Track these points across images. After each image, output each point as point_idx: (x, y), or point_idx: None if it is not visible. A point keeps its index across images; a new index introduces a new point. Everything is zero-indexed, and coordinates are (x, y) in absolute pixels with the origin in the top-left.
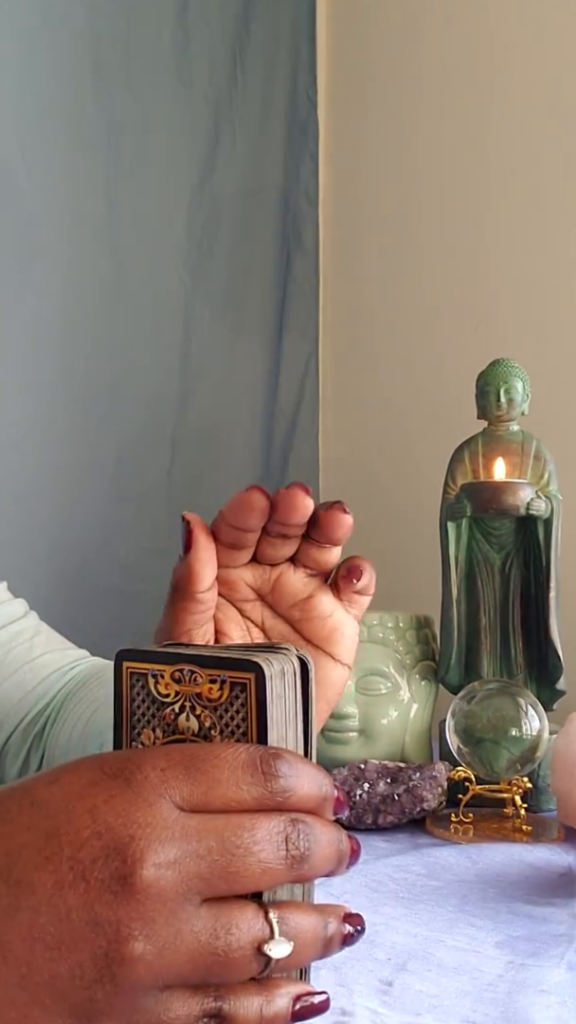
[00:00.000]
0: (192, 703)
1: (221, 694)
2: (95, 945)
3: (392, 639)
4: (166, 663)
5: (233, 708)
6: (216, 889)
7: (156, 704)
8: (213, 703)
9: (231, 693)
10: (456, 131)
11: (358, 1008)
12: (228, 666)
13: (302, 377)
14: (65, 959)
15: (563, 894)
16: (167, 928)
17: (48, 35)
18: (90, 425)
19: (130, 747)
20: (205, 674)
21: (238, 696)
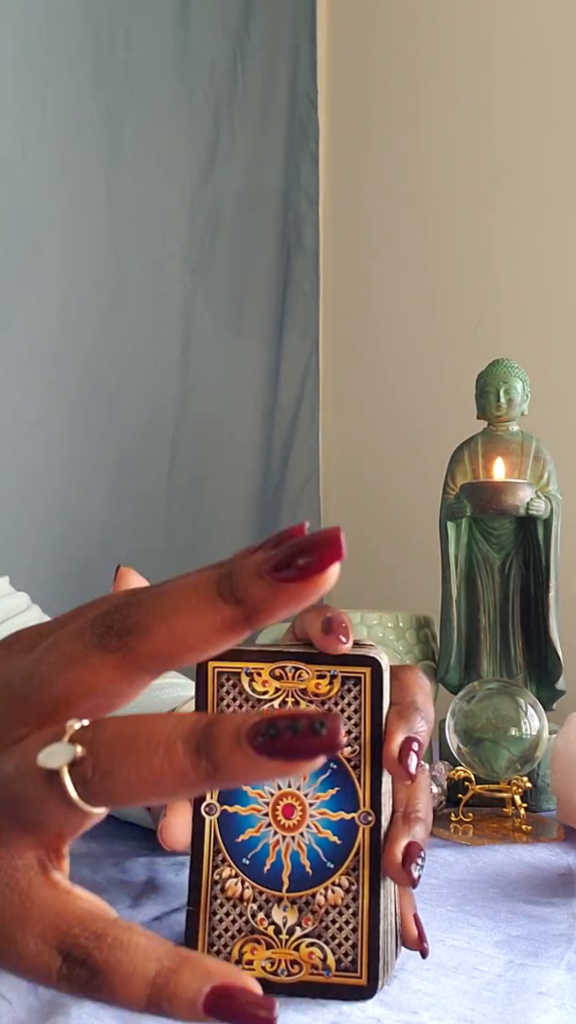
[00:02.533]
0: (296, 698)
1: (331, 689)
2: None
3: (392, 639)
4: (264, 661)
5: (344, 701)
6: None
7: (251, 702)
8: (320, 697)
9: (342, 687)
10: (457, 131)
11: (355, 1007)
12: (339, 662)
13: (302, 377)
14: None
15: (563, 894)
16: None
17: (48, 35)
18: (90, 425)
19: None
20: (312, 670)
21: (350, 690)
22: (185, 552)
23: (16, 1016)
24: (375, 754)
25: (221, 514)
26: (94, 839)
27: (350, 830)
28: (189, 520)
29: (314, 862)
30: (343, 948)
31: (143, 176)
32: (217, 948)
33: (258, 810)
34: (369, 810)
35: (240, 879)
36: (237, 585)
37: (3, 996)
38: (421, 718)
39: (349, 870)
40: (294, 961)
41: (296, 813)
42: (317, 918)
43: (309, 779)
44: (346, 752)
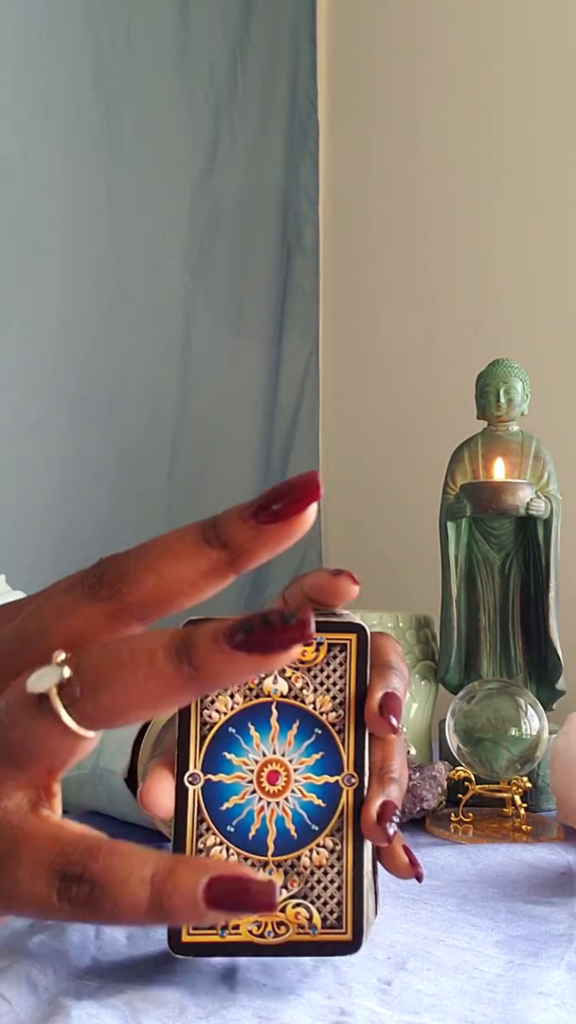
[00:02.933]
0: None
1: (316, 656)
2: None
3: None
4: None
5: (330, 667)
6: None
7: None
8: (306, 664)
9: (328, 654)
10: (457, 131)
11: (357, 1007)
12: (325, 629)
13: (302, 377)
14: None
15: (563, 894)
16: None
17: (48, 35)
18: (90, 425)
19: (201, 716)
20: None
21: (336, 656)
22: None
23: (16, 1016)
24: (359, 718)
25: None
26: None
27: (334, 793)
28: (189, 520)
29: (299, 825)
30: (328, 906)
31: (143, 176)
32: None
33: (242, 778)
34: (353, 772)
35: (225, 846)
36: (221, 530)
37: (3, 996)
38: (397, 676)
39: (333, 831)
40: (280, 922)
41: (281, 779)
42: (303, 879)
43: (294, 744)
44: (331, 717)
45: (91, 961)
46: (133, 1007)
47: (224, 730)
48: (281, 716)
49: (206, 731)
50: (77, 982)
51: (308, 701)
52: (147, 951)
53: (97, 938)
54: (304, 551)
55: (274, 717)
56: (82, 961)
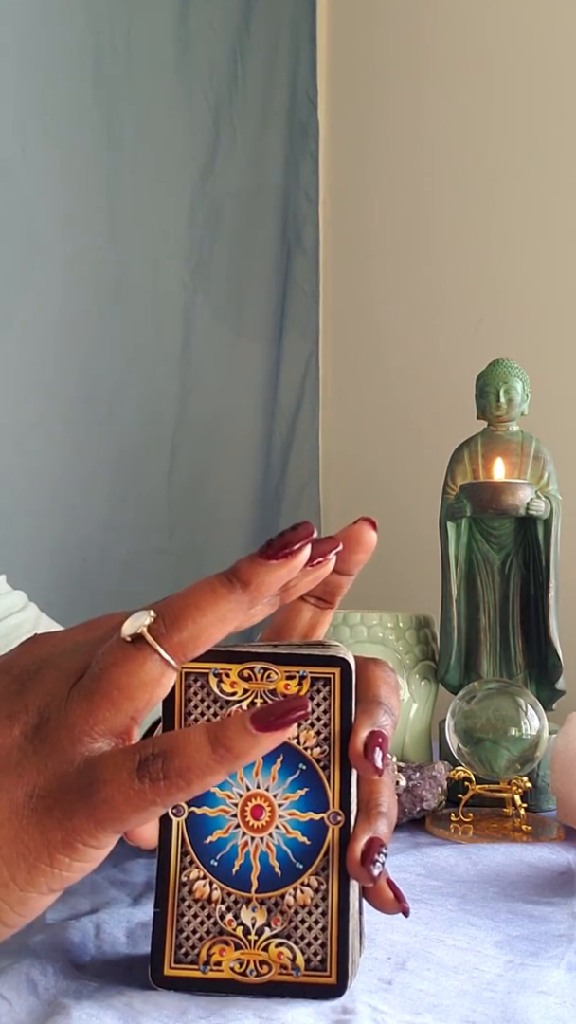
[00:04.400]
0: (265, 699)
1: (300, 689)
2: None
3: (392, 639)
4: (232, 662)
5: (314, 702)
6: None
7: (219, 703)
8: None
9: (311, 688)
10: (457, 131)
11: (358, 1006)
12: (308, 662)
13: (302, 377)
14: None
15: (563, 894)
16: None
17: (48, 35)
18: (90, 425)
19: None
20: (282, 671)
21: (319, 690)
22: (185, 552)
23: (16, 1016)
24: (344, 754)
25: (221, 514)
26: None
27: (319, 830)
28: (189, 520)
29: (283, 863)
30: (312, 948)
31: (143, 176)
32: (184, 950)
33: (226, 811)
34: (338, 810)
35: (208, 880)
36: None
37: (3, 996)
38: (385, 712)
39: (318, 870)
40: (263, 961)
41: (265, 814)
42: (286, 918)
43: (278, 780)
44: (315, 753)
45: (91, 961)
46: (133, 1007)
47: None
48: None
49: None
50: (77, 982)
51: (292, 736)
52: (147, 951)
53: (97, 938)
54: None
55: None
56: (82, 961)
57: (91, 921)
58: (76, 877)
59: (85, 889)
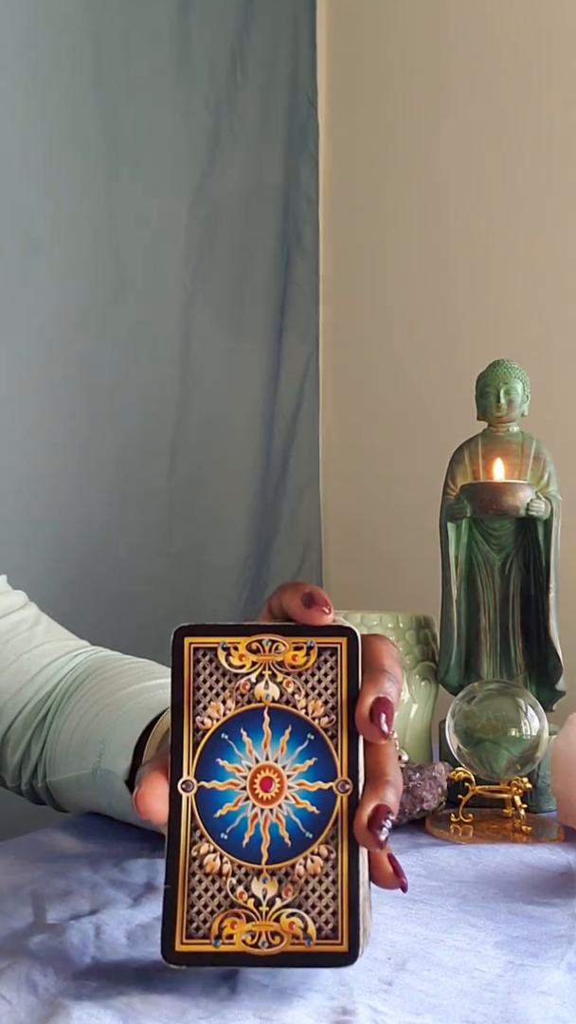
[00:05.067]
0: (273, 671)
1: (307, 660)
2: None
3: (392, 639)
4: (241, 635)
5: (321, 672)
6: None
7: (227, 676)
8: (297, 669)
9: (319, 658)
10: (457, 131)
11: (358, 1007)
12: (316, 632)
13: (302, 378)
14: None
15: (563, 894)
16: None
17: (48, 35)
18: (90, 426)
19: (193, 722)
20: (289, 642)
21: (326, 660)
22: (185, 552)
23: (16, 1017)
24: (351, 722)
25: (221, 514)
26: (94, 840)
27: (328, 799)
28: (189, 520)
29: (293, 833)
30: (323, 916)
31: (143, 176)
32: (196, 924)
33: (235, 784)
34: (347, 778)
35: (218, 854)
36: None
37: (3, 997)
38: (390, 680)
39: (328, 839)
40: (275, 932)
41: (274, 786)
42: (297, 888)
43: (287, 751)
44: (323, 722)
45: (91, 961)
46: (133, 1008)
47: (217, 736)
48: (273, 722)
49: (199, 737)
50: (77, 982)
51: (300, 706)
52: (147, 952)
53: (97, 938)
54: (304, 552)
55: (266, 723)
56: (82, 961)
57: (91, 922)
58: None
59: (85, 890)
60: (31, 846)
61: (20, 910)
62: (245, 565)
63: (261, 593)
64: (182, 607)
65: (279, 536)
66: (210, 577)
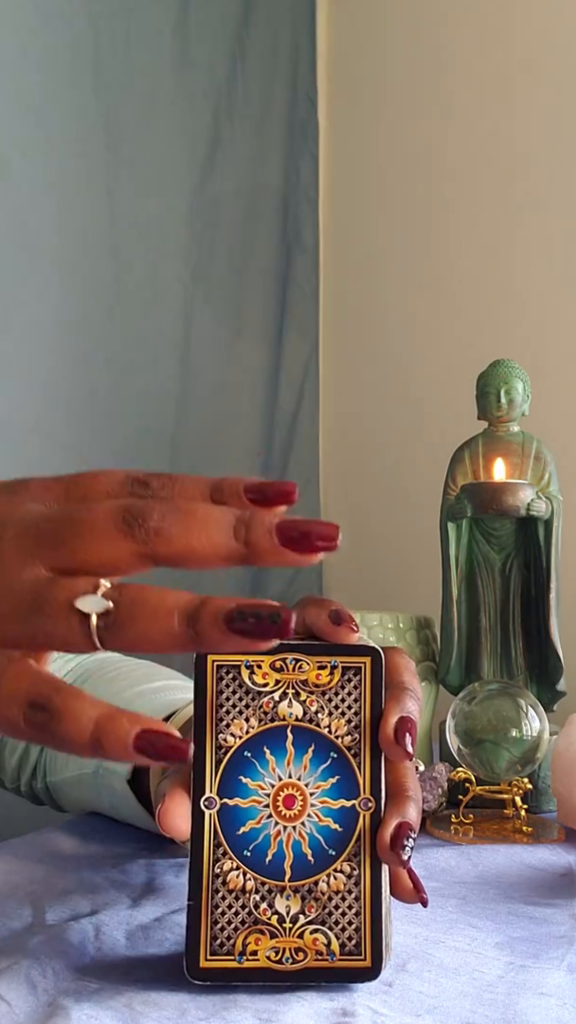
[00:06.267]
0: (296, 690)
1: (331, 679)
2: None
3: (392, 640)
4: (264, 653)
5: (344, 691)
6: (53, 556)
7: (251, 694)
8: (321, 688)
9: (343, 677)
10: (457, 130)
11: (358, 1008)
12: (340, 652)
13: (302, 377)
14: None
15: (563, 895)
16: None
17: (48, 35)
18: (90, 425)
19: (216, 740)
20: (313, 661)
21: (350, 680)
22: None
23: (16, 1018)
24: (374, 741)
25: None
26: (94, 840)
27: (351, 817)
28: None
29: (316, 850)
30: (347, 932)
31: (143, 176)
32: (220, 941)
33: (258, 802)
34: (369, 796)
35: (242, 871)
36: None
37: (2, 998)
38: (411, 698)
39: (351, 856)
40: (299, 948)
41: (297, 803)
42: (320, 905)
43: (310, 768)
44: (346, 741)
45: (91, 962)
46: (133, 1008)
47: (240, 754)
48: (296, 740)
49: (221, 755)
50: (77, 983)
51: (323, 725)
52: (147, 952)
53: (97, 939)
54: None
55: (289, 741)
56: (82, 962)
57: (91, 922)
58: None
59: (85, 890)
60: (31, 846)
61: (20, 910)
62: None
63: (261, 594)
64: None
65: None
66: (210, 577)
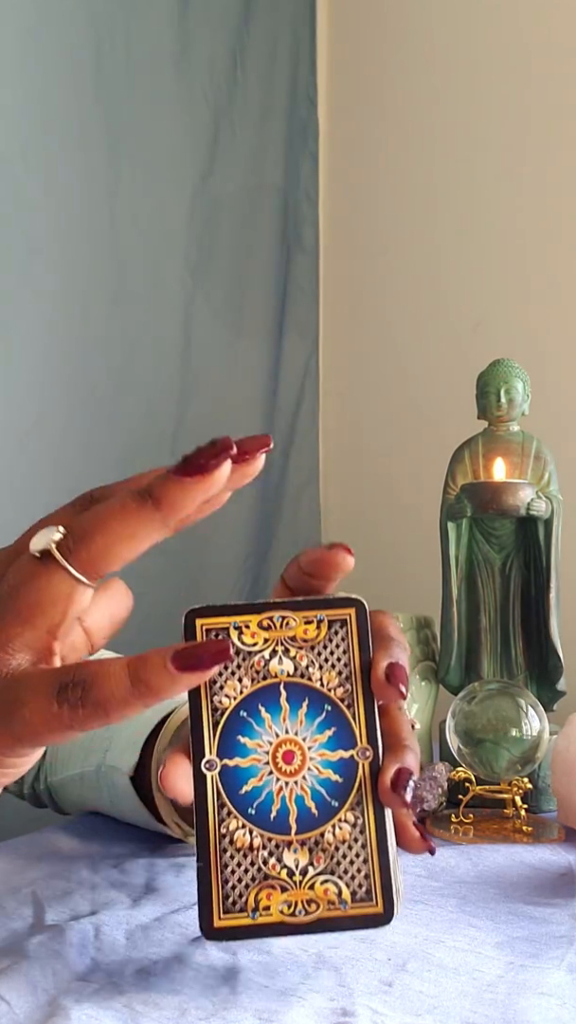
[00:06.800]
0: (286, 646)
1: (319, 633)
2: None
3: None
4: (251, 613)
5: (333, 644)
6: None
7: (241, 655)
8: (309, 642)
9: (329, 630)
10: (456, 130)
11: (358, 1008)
12: (324, 606)
13: (302, 377)
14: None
15: (563, 895)
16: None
17: (48, 35)
18: (90, 425)
19: (211, 702)
20: (300, 616)
21: (337, 632)
22: (184, 552)
23: (15, 1018)
24: (366, 690)
25: (220, 514)
26: (94, 840)
27: (350, 767)
28: None
29: (319, 802)
30: (356, 880)
31: (143, 176)
32: (232, 899)
33: (258, 760)
34: (367, 745)
35: (248, 829)
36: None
37: (2, 998)
38: (399, 647)
39: (353, 805)
40: (310, 900)
41: (296, 758)
42: (328, 855)
43: (305, 723)
44: (338, 693)
45: (91, 962)
46: (132, 1009)
47: (236, 714)
48: (290, 696)
49: (218, 717)
50: (77, 983)
51: (315, 679)
52: (147, 952)
53: (97, 939)
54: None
55: (283, 697)
56: (82, 962)
57: (91, 923)
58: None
59: (85, 890)
60: (31, 846)
61: (20, 910)
62: (245, 565)
63: (261, 593)
64: (181, 606)
65: (279, 536)
66: (209, 577)
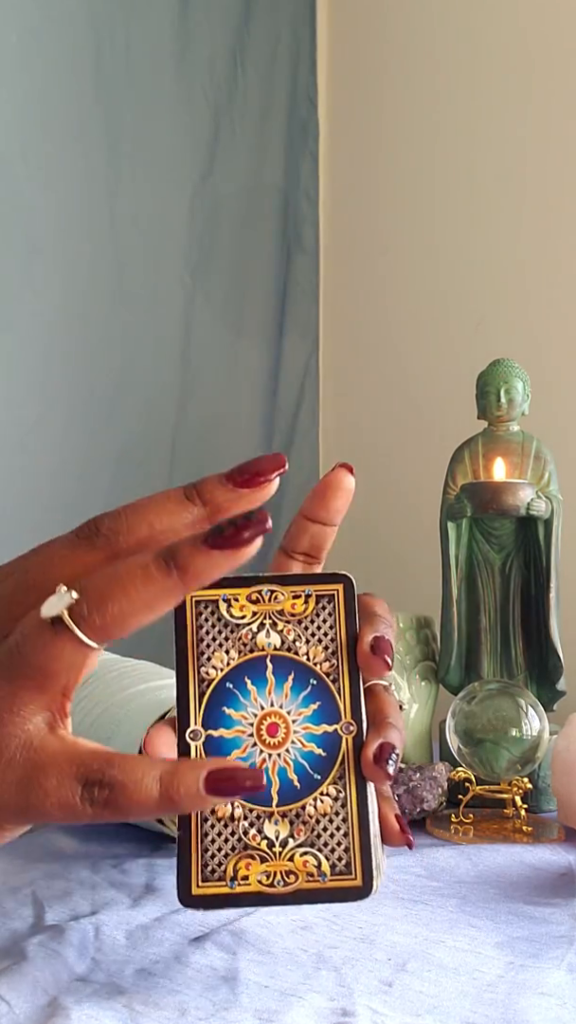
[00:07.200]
0: (273, 620)
1: (306, 608)
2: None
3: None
4: (241, 586)
5: (320, 618)
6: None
7: (229, 627)
8: (297, 616)
9: (317, 605)
10: (458, 130)
11: (358, 1008)
12: (312, 581)
13: (302, 377)
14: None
15: (563, 895)
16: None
17: (48, 35)
18: (90, 425)
19: (198, 673)
20: (287, 591)
21: (324, 607)
22: None
23: (15, 1018)
24: (352, 666)
25: None
26: (94, 840)
27: (334, 741)
28: None
29: (301, 775)
30: (336, 853)
31: (143, 176)
32: (211, 868)
33: (242, 732)
34: (350, 720)
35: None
36: (201, 491)
37: (2, 998)
38: (384, 623)
39: (336, 779)
40: (289, 871)
41: (280, 731)
42: (308, 828)
43: (291, 696)
44: (324, 667)
45: (91, 962)
46: (132, 1009)
47: (222, 686)
48: (276, 669)
49: (204, 688)
50: (77, 983)
51: (301, 653)
52: (147, 952)
53: (97, 939)
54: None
55: (269, 670)
56: (82, 962)
57: (90, 923)
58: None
59: (85, 890)
60: (31, 846)
61: (20, 910)
62: (245, 565)
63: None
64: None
65: (279, 536)
66: None
